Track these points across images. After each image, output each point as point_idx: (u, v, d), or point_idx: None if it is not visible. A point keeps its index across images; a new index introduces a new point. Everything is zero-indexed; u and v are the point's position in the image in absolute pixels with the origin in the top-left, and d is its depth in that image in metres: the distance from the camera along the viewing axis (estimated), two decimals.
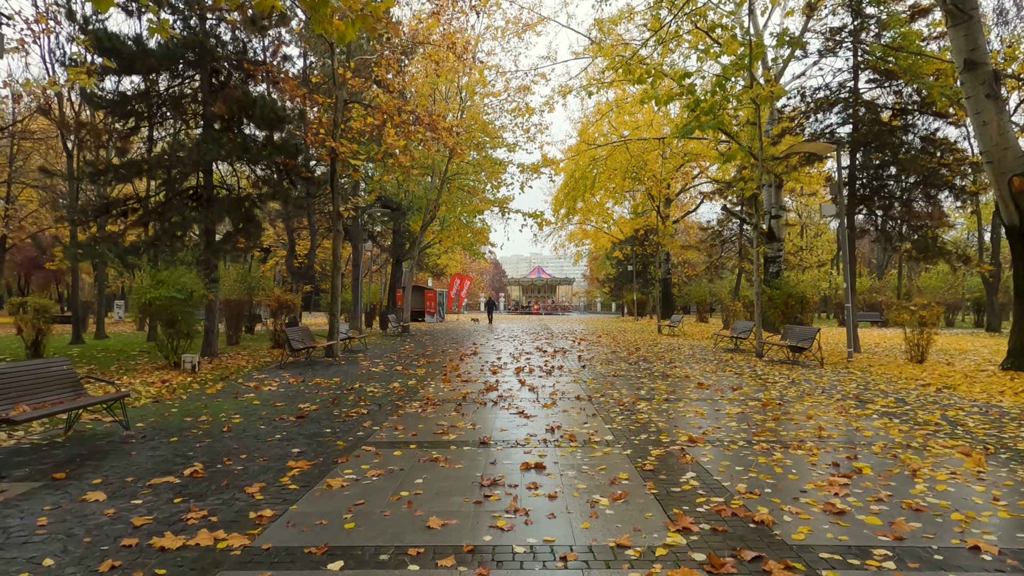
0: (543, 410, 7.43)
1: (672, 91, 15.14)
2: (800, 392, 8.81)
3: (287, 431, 6.33)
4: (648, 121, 26.80)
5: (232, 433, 6.24)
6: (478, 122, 22.05)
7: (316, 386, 9.65)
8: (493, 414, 7.20)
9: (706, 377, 10.56)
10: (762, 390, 9.03)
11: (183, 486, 4.46)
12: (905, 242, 15.79)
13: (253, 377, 10.73)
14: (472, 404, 7.87)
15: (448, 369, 11.83)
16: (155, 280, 11.14)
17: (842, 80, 15.38)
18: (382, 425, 6.58)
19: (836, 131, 15.48)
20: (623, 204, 39.89)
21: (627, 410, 7.41)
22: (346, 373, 11.37)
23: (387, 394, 8.80)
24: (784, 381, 10.03)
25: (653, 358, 14.03)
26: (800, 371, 11.41)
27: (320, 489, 4.36)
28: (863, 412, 7.23)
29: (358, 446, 5.64)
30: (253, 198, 13.15)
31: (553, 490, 4.29)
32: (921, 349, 12.32)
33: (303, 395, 8.74)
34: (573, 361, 13.36)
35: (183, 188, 13.50)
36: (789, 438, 5.87)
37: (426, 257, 42.80)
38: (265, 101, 12.70)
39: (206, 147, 12.14)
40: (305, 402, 8.10)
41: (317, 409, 7.61)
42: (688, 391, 8.97)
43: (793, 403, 7.89)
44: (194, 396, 8.69)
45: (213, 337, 13.97)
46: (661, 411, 7.35)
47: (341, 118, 14.54)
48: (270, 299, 16.81)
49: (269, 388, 9.43)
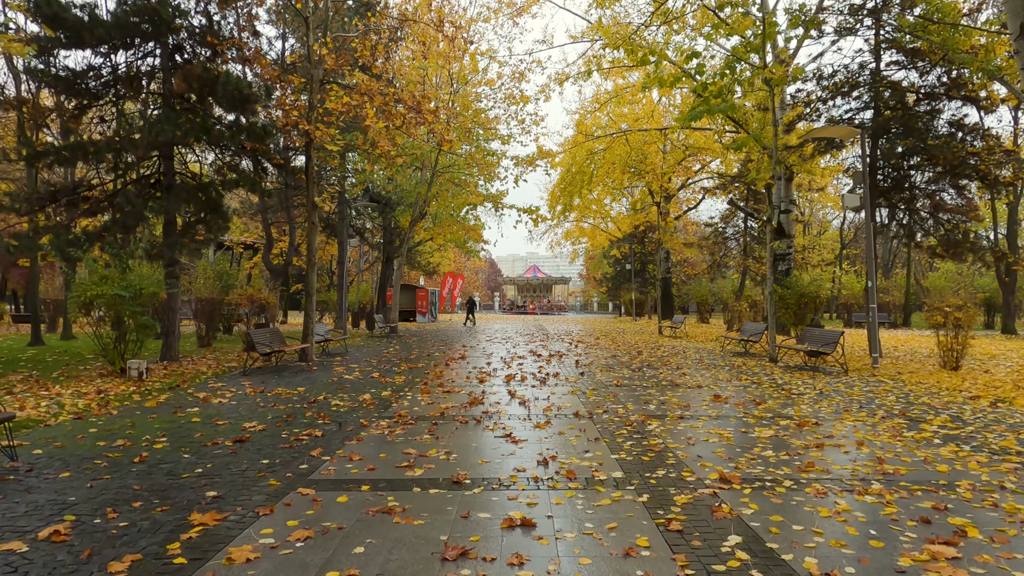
0: (535, 431, 6.17)
1: (678, 72, 13.91)
2: (835, 407, 7.58)
3: (214, 462, 5.05)
4: (648, 112, 25.58)
5: (144, 466, 4.97)
6: (470, 110, 20.76)
7: (275, 398, 8.37)
8: (475, 437, 5.94)
9: (721, 387, 9.32)
10: (789, 404, 7.79)
11: (25, 559, 3.19)
12: (929, 237, 14.60)
13: (207, 386, 9.44)
14: (451, 423, 6.61)
15: (430, 377, 10.56)
16: (99, 276, 9.83)
17: (863, 61, 14.17)
18: (335, 454, 5.31)
19: (855, 118, 14.26)
20: (621, 201, 38.71)
21: (636, 432, 6.16)
22: (315, 381, 10.09)
23: (353, 409, 7.53)
24: (810, 392, 8.80)
25: (658, 363, 12.79)
26: (824, 380, 10.18)
27: (215, 566, 3.09)
28: (920, 436, 6.00)
29: (295, 487, 4.37)
30: (216, 185, 11.84)
31: (546, 567, 3.04)
32: (955, 354, 11.12)
33: (255, 410, 7.47)
34: (570, 367, 12.12)
35: (142, 175, 12.18)
36: (846, 476, 4.63)
37: (418, 255, 41.50)
38: (229, 78, 11.39)
39: (160, 128, 10.83)
40: (254, 420, 6.82)
41: (264, 430, 6.33)
42: (704, 405, 7.73)
43: (832, 422, 6.66)
44: (127, 411, 7.40)
45: (174, 340, 12.66)
46: (677, 433, 6.10)
47: (317, 100, 13.26)
48: (242, 298, 15.51)
49: (220, 401, 8.14)
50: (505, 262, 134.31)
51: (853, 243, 47.36)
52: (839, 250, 43.22)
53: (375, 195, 26.59)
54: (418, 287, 36.68)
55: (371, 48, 13.63)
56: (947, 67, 13.10)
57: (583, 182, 25.44)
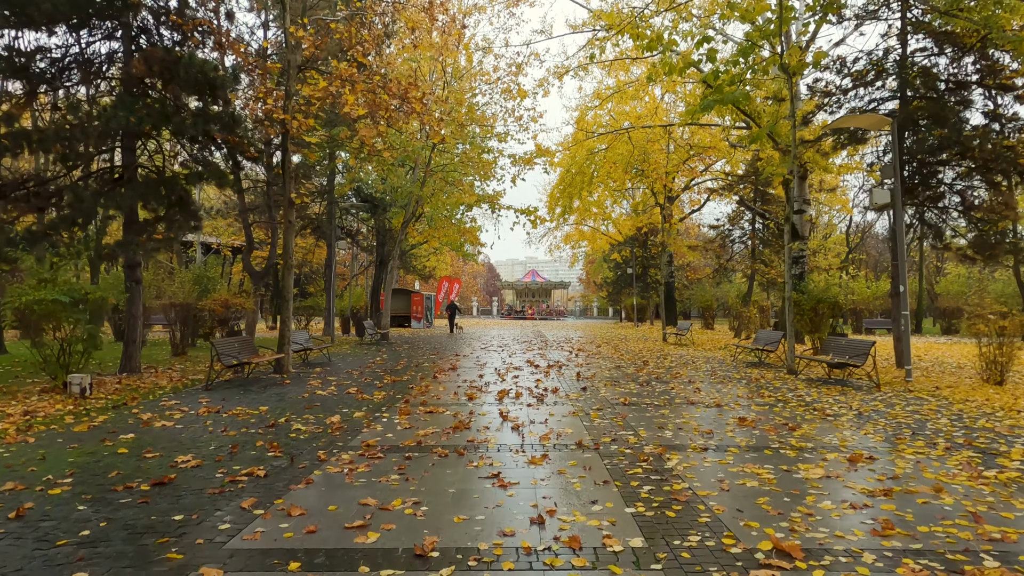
0: (529, 470, 5.02)
1: (688, 59, 12.80)
2: (883, 434, 6.43)
3: (112, 520, 3.89)
4: (651, 110, 24.50)
5: (16, 524, 3.81)
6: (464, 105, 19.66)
7: (230, 420, 7.22)
8: (454, 477, 4.79)
9: (743, 406, 8.17)
10: (828, 428, 6.64)
11: None
12: (957, 238, 13.50)
13: (159, 404, 8.28)
14: (428, 456, 5.46)
15: (414, 393, 9.40)
16: (38, 279, 8.69)
17: (887, 47, 13.10)
18: (272, 505, 4.15)
19: (878, 109, 13.17)
20: (622, 203, 37.55)
21: (654, 471, 5.01)
22: (284, 397, 8.94)
23: (315, 436, 6.37)
24: (847, 413, 7.65)
25: (667, 375, 11.64)
26: (857, 397, 9.03)
27: None
28: (1004, 475, 4.85)
29: (199, 564, 3.22)
30: (180, 179, 10.70)
31: None
32: (1000, 367, 9.98)
33: (199, 437, 6.31)
34: (571, 380, 10.96)
35: (101, 168, 11.05)
36: (941, 543, 3.49)
37: (413, 259, 40.33)
38: (192, 59, 10.27)
39: (114, 114, 9.70)
40: (191, 452, 5.67)
41: (199, 466, 5.18)
42: (729, 430, 6.58)
43: (888, 456, 5.51)
44: (48, 438, 6.24)
45: (135, 349, 11.50)
46: (704, 472, 4.96)
47: (295, 88, 12.16)
48: (216, 303, 14.36)
49: (163, 424, 6.98)
50: (504, 266, 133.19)
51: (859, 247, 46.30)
52: (844, 255, 42.14)
53: (367, 196, 25.48)
54: (413, 292, 35.52)
55: (357, 35, 12.50)
56: (980, 53, 12.02)
57: (583, 183, 24.35)
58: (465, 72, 21.13)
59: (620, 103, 23.44)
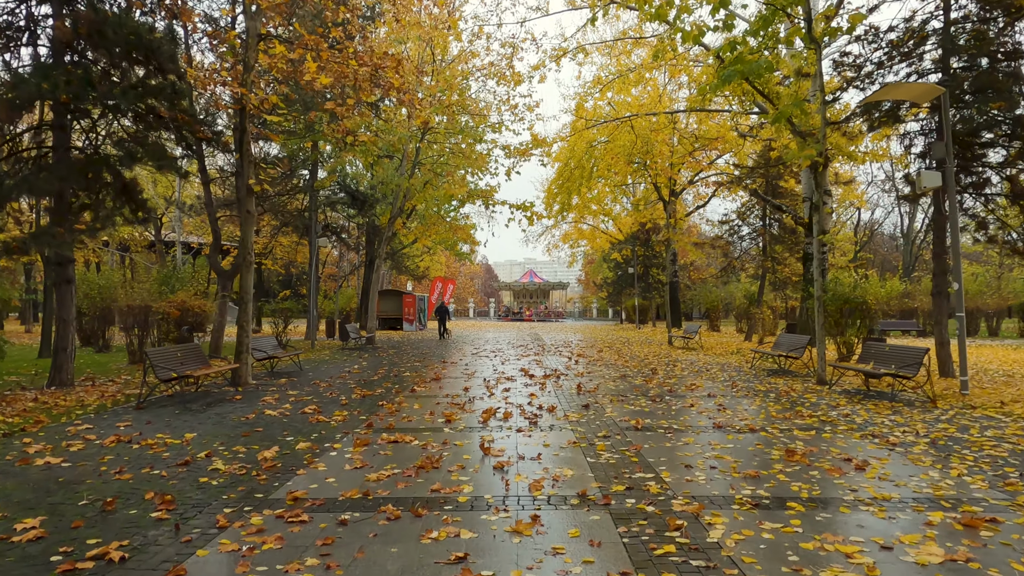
0: (511, 546, 3.47)
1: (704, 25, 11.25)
2: (988, 480, 4.86)
3: None
4: (655, 98, 23.00)
5: None
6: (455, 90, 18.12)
7: (137, 454, 5.65)
8: (397, 566, 3.23)
9: (784, 431, 6.61)
10: (910, 469, 5.09)
11: None
12: (1007, 229, 11.98)
13: (65, 429, 6.72)
14: (371, 521, 3.90)
15: (383, 412, 7.84)
16: None
17: (925, 17, 11.60)
18: None
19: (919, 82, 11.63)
20: (623, 200, 35.98)
21: (694, 549, 3.45)
22: (222, 420, 7.37)
23: (233, 482, 4.81)
24: (919, 442, 6.10)
25: (681, 387, 10.09)
26: (916, 417, 7.49)
27: None
28: None
29: None
30: (110, 160, 9.14)
31: None
32: None
33: (80, 482, 4.75)
34: (570, 394, 9.41)
35: (16, 148, 9.50)
36: None
37: (406, 259, 38.75)
38: (122, 19, 8.72)
39: (25, 82, 8.15)
40: (46, 512, 4.11)
41: (38, 539, 3.62)
42: (778, 470, 5.03)
43: (1006, 513, 3.96)
44: None
45: (64, 359, 9.93)
46: (767, 551, 3.41)
47: (254, 60, 10.60)
48: (170, 306, 12.81)
49: (47, 462, 5.41)
50: (502, 267, 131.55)
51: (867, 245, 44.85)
52: (852, 253, 40.65)
53: (352, 190, 23.93)
54: (405, 293, 33.91)
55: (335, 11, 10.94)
56: None
57: (582, 178, 22.76)
58: (456, 57, 19.62)
59: (622, 91, 21.90)
